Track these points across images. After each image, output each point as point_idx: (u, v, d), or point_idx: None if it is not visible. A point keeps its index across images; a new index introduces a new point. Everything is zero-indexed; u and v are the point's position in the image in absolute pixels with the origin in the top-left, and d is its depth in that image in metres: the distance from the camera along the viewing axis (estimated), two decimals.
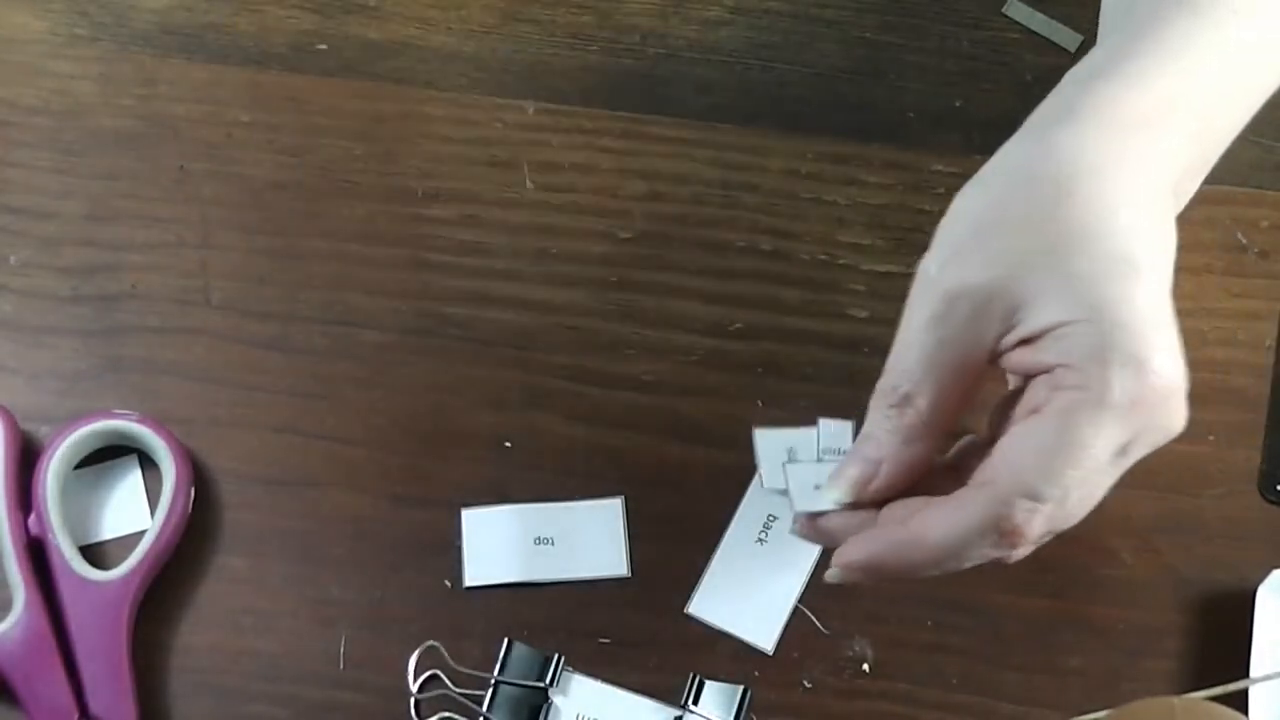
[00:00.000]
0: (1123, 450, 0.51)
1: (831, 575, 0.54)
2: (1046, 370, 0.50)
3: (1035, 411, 0.50)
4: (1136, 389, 0.49)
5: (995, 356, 0.51)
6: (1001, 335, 0.51)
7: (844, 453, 0.55)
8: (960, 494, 0.51)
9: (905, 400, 0.52)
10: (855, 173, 0.68)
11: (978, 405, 0.53)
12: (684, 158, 0.68)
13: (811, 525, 0.55)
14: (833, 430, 0.57)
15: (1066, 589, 0.62)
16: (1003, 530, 0.50)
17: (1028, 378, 0.51)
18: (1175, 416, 0.51)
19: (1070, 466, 0.50)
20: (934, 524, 0.51)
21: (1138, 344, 0.49)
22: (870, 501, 0.53)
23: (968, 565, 0.52)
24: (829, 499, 0.54)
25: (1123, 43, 0.55)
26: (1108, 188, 0.51)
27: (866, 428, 0.53)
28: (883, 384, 0.52)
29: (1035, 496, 0.50)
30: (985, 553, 0.52)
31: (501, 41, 0.70)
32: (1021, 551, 0.52)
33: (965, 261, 0.51)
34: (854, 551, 0.53)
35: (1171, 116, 0.53)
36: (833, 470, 0.54)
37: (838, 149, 0.68)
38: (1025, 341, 0.51)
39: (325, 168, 0.67)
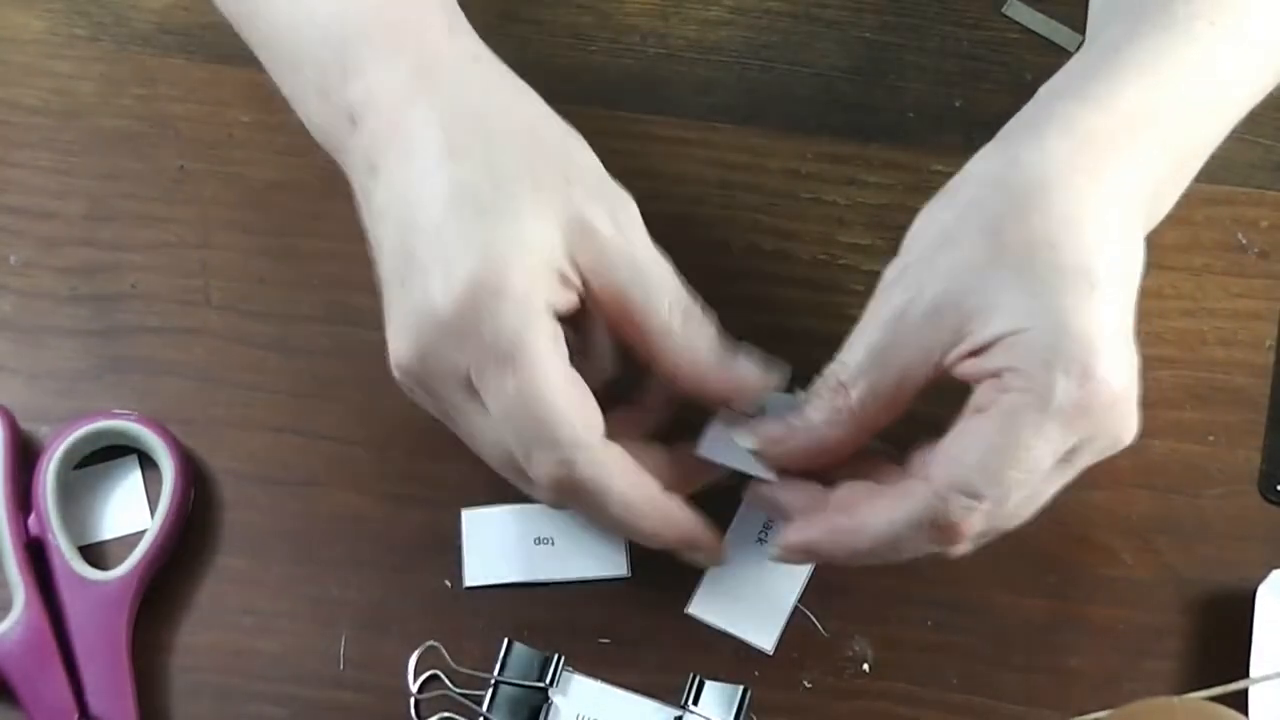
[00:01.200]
0: (1067, 456, 0.51)
1: (771, 555, 0.56)
2: (995, 375, 0.51)
3: (980, 411, 0.51)
4: (1080, 396, 0.50)
5: (941, 370, 0.52)
6: (950, 348, 0.52)
7: None
8: (901, 486, 0.53)
9: (840, 387, 0.53)
10: (855, 173, 0.68)
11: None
12: (684, 158, 0.68)
13: (758, 494, 0.57)
14: (781, 402, 0.58)
15: (1066, 589, 0.62)
16: (939, 525, 0.51)
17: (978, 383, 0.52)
18: (1123, 426, 0.52)
19: (1010, 467, 0.50)
20: (872, 514, 0.53)
21: (1085, 352, 0.50)
22: (776, 462, 0.55)
23: (906, 557, 0.53)
24: (742, 441, 0.55)
25: (1096, 59, 0.55)
26: (1071, 200, 0.51)
27: (801, 403, 0.55)
28: (828, 367, 0.54)
29: (973, 494, 0.51)
30: (922, 546, 0.53)
31: (501, 41, 0.70)
32: (961, 548, 0.53)
33: (923, 271, 0.52)
34: (794, 534, 0.55)
35: (1142, 132, 0.53)
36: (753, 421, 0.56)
37: (838, 149, 0.68)
38: (974, 353, 0.51)
39: (325, 168, 0.67)
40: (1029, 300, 0.50)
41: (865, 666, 0.61)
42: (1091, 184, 0.52)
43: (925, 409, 0.54)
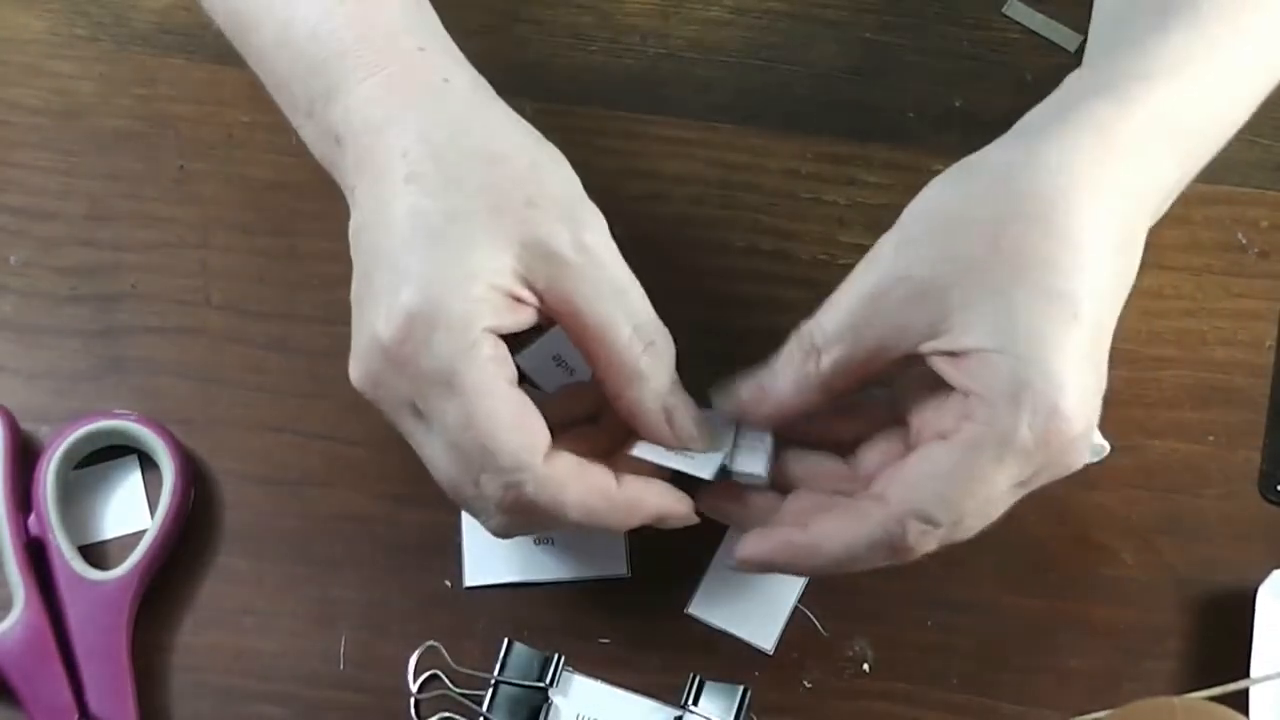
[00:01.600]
0: (1023, 483, 0.52)
1: (730, 564, 0.57)
2: (963, 392, 0.51)
3: (942, 437, 0.51)
4: (1043, 433, 0.50)
5: (913, 354, 0.52)
6: (926, 338, 0.52)
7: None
8: (858, 507, 0.53)
9: (814, 351, 0.54)
10: (855, 173, 0.68)
11: None
12: (684, 158, 0.68)
13: (708, 504, 0.57)
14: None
15: (1066, 589, 0.62)
16: (895, 547, 0.52)
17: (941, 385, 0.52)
18: (1079, 457, 0.52)
19: (967, 497, 0.51)
20: (830, 535, 0.53)
21: (1055, 391, 0.50)
22: (755, 421, 0.56)
23: (860, 569, 0.54)
24: (721, 402, 0.57)
25: (1125, 58, 0.54)
26: (1084, 220, 0.51)
27: (773, 360, 0.55)
28: (803, 329, 0.54)
29: (929, 520, 0.52)
30: (876, 562, 0.54)
31: (501, 41, 0.70)
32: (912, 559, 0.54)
33: (920, 250, 0.52)
34: (752, 548, 0.56)
35: (1164, 140, 0.53)
36: (724, 382, 0.57)
37: (838, 149, 0.68)
38: (950, 353, 0.51)
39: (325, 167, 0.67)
40: (1009, 321, 0.50)
41: (865, 666, 0.61)
42: (1107, 200, 0.51)
43: None
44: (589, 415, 0.59)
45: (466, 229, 0.52)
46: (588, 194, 0.67)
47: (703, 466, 0.56)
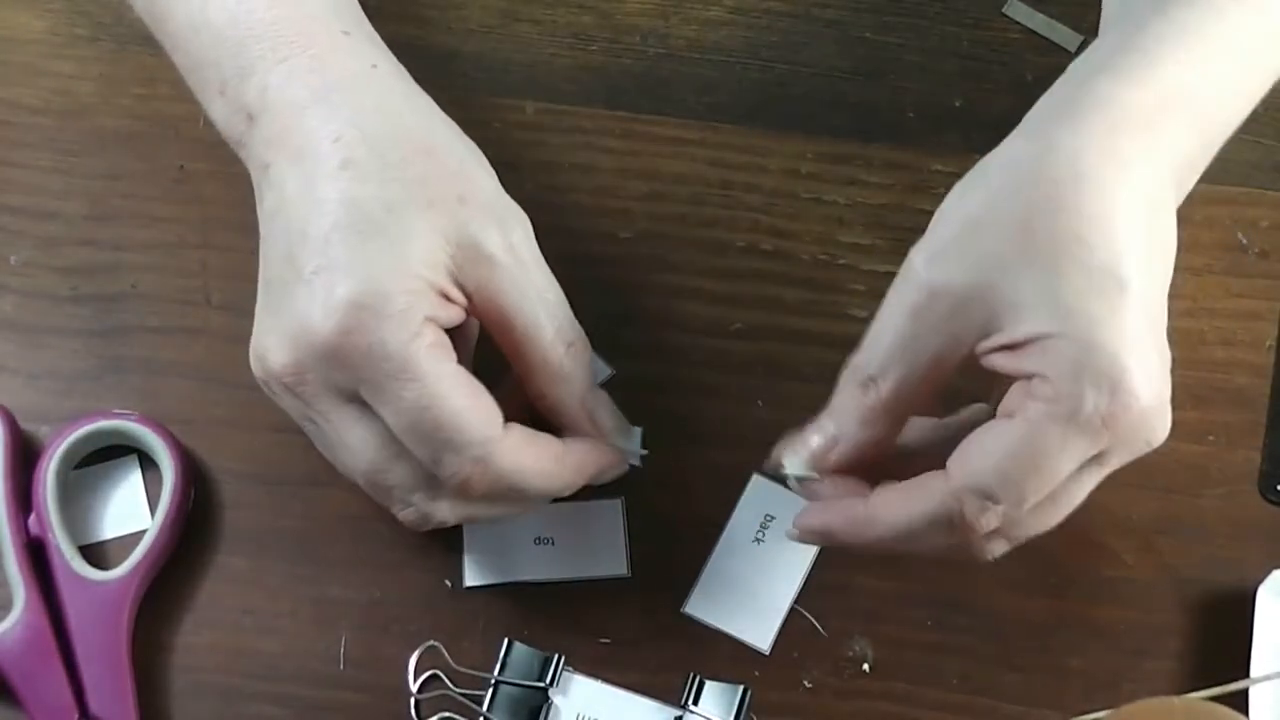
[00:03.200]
0: (1095, 460, 0.51)
1: (789, 533, 0.56)
2: (1026, 377, 0.50)
3: (1008, 416, 0.51)
4: (1109, 409, 0.49)
5: (971, 357, 0.52)
6: (980, 338, 0.51)
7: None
8: (920, 480, 0.52)
9: (870, 382, 0.53)
10: (855, 173, 0.68)
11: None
12: (684, 158, 0.68)
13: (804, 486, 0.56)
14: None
15: (1067, 589, 0.62)
16: (954, 523, 0.51)
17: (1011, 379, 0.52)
18: (1155, 431, 0.51)
19: (1029, 474, 0.50)
20: (889, 506, 0.53)
21: (1113, 366, 0.49)
22: (828, 471, 0.55)
23: (925, 550, 0.53)
24: (791, 469, 0.55)
25: (1126, 35, 0.54)
26: (1106, 194, 0.51)
27: (833, 400, 0.54)
28: (854, 361, 0.53)
29: (988, 495, 0.51)
30: (940, 542, 0.52)
31: (501, 41, 0.70)
32: (994, 549, 0.53)
33: (952, 259, 0.51)
34: (812, 518, 0.55)
35: (1176, 112, 0.53)
36: (790, 439, 0.55)
37: (838, 149, 0.68)
38: (1009, 348, 0.51)
39: None
40: (1058, 304, 0.50)
41: (865, 666, 0.61)
42: (1125, 173, 0.51)
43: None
44: None
45: (403, 223, 0.52)
46: (588, 194, 0.67)
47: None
